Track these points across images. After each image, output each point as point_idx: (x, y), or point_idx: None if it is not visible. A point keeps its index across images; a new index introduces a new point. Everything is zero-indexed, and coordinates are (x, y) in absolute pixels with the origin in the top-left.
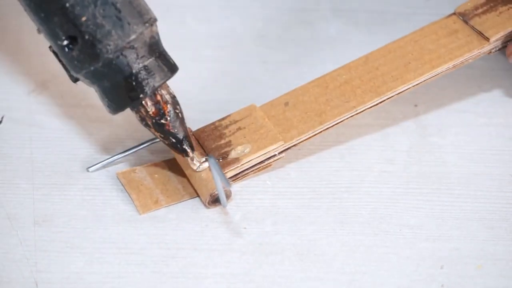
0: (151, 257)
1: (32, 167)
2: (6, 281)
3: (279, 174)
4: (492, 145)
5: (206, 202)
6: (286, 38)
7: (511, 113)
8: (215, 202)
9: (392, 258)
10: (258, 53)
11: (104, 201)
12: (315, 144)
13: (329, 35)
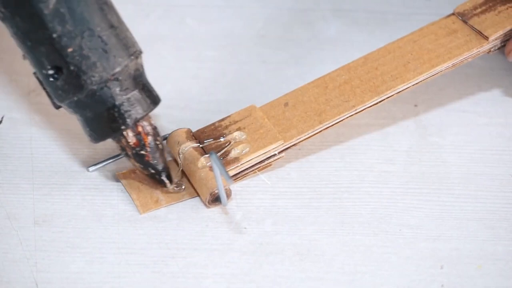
0: (151, 257)
1: (32, 167)
2: (6, 281)
3: (279, 174)
4: (492, 145)
5: (206, 202)
6: (286, 38)
7: (511, 113)
8: (215, 201)
9: (392, 258)
10: (258, 53)
11: (104, 201)
12: (315, 144)
13: (329, 35)
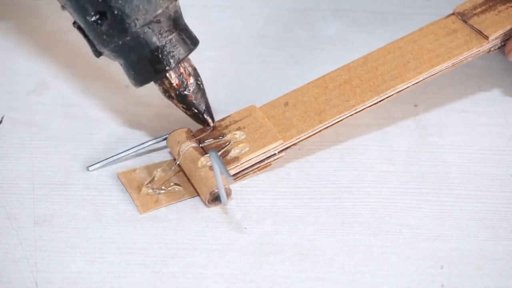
0: (151, 257)
1: (32, 167)
2: (6, 281)
3: (279, 174)
4: (492, 145)
5: (206, 201)
6: (286, 38)
7: (511, 113)
8: (215, 200)
9: (392, 258)
10: (258, 53)
11: (104, 201)
12: (315, 144)
13: (329, 35)
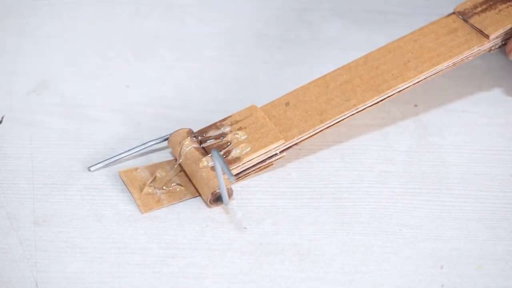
0: (151, 257)
1: (32, 167)
2: (6, 281)
3: (279, 174)
4: (492, 145)
5: (207, 201)
6: (286, 38)
7: (511, 113)
8: (217, 201)
9: (392, 258)
10: (258, 53)
11: (104, 201)
12: (315, 144)
13: (329, 35)
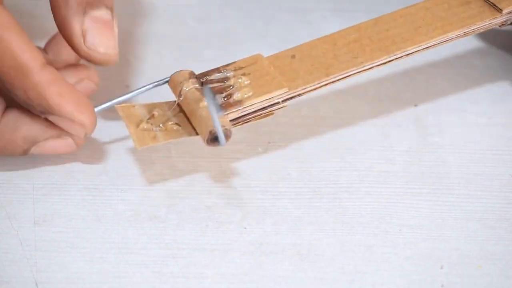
0: (151, 257)
1: (32, 167)
2: (6, 281)
3: (279, 174)
4: (492, 145)
5: (205, 140)
6: (286, 38)
7: (511, 113)
8: (214, 141)
9: (392, 258)
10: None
11: (104, 201)
12: (315, 144)
13: None
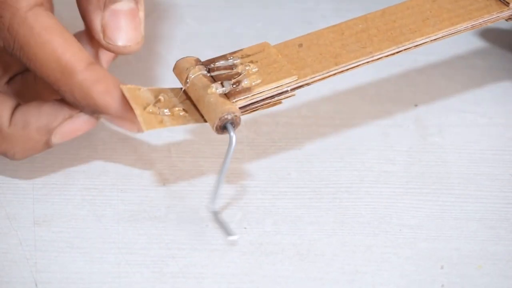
0: (151, 257)
1: (32, 167)
2: (6, 281)
3: (279, 174)
4: (492, 145)
5: (214, 127)
6: (286, 38)
7: (511, 113)
8: (224, 128)
9: (392, 258)
10: None
11: (104, 201)
12: (315, 144)
13: None
